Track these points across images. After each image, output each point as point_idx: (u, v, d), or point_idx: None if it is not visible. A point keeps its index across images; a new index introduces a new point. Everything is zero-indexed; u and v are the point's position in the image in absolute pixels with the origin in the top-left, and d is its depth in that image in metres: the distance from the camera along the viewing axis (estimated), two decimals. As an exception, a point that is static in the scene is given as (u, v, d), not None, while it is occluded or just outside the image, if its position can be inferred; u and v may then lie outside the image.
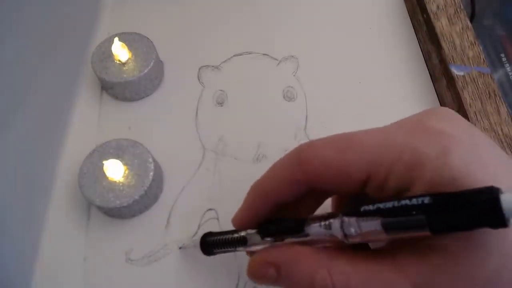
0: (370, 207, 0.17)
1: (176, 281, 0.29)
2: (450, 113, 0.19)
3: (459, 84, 0.32)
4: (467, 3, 0.43)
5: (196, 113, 0.35)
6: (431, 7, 0.36)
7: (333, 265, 0.18)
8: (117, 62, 0.34)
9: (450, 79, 0.33)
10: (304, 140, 0.33)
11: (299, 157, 0.20)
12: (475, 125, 0.30)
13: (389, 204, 0.16)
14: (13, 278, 0.26)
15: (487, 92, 0.31)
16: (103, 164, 0.29)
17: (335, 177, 0.19)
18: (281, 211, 0.21)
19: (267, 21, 0.40)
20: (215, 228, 0.30)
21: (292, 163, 0.20)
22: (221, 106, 0.35)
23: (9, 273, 0.26)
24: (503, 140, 0.29)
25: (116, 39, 0.34)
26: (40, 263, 0.28)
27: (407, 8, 0.40)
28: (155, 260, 0.29)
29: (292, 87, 0.36)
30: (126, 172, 0.30)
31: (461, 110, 0.31)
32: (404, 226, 0.16)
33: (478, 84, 0.31)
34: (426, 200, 0.15)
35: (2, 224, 0.26)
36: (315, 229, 0.19)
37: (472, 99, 0.31)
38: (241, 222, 0.23)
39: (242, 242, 0.22)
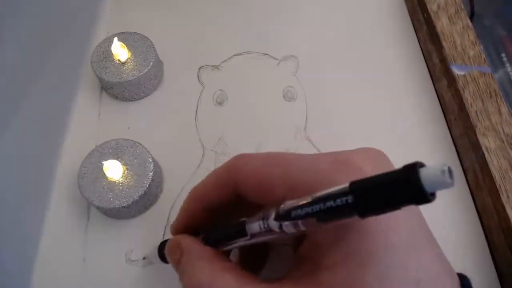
0: (299, 212, 0.17)
1: (176, 281, 0.29)
2: (378, 154, 0.20)
3: (460, 84, 0.32)
4: (466, 2, 0.43)
5: (196, 113, 0.35)
6: (432, 6, 0.36)
7: (219, 277, 0.19)
8: (117, 62, 0.34)
9: (451, 79, 0.33)
10: (304, 140, 0.33)
11: (230, 164, 0.21)
12: (476, 125, 0.30)
13: (316, 205, 0.16)
14: (13, 278, 0.26)
15: (488, 92, 0.31)
16: (102, 164, 0.29)
17: (258, 187, 0.20)
18: (215, 218, 0.23)
19: (267, 21, 0.40)
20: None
21: (224, 169, 0.22)
22: (221, 106, 0.35)
23: (9, 273, 0.26)
24: (504, 139, 0.29)
25: (115, 39, 0.34)
26: (40, 263, 0.28)
27: (407, 7, 0.40)
28: (149, 263, 0.29)
29: (292, 87, 0.36)
30: (126, 172, 0.30)
31: (462, 110, 0.31)
32: (334, 215, 0.16)
33: (479, 83, 0.31)
34: (347, 188, 0.15)
35: (2, 224, 0.26)
36: (255, 227, 0.19)
37: (473, 99, 0.31)
38: (177, 228, 0.24)
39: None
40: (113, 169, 0.29)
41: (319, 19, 0.40)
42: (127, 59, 0.34)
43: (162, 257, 0.25)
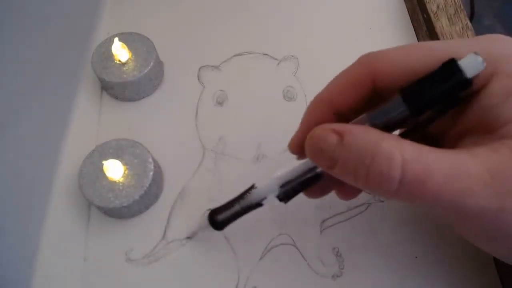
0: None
1: (176, 281, 0.29)
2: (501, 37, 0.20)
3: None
4: (466, 2, 0.43)
5: (196, 113, 0.35)
6: (431, 7, 0.36)
7: (403, 142, 0.17)
8: (117, 62, 0.34)
9: (450, 79, 0.33)
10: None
11: (367, 59, 0.20)
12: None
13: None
14: (13, 278, 0.26)
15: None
16: (102, 164, 0.29)
17: (400, 76, 0.19)
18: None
19: (267, 21, 0.40)
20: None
21: (357, 65, 0.20)
22: (221, 106, 0.35)
23: (9, 273, 0.26)
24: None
25: (116, 39, 0.34)
26: (40, 263, 0.28)
27: (407, 8, 0.40)
28: (155, 260, 0.29)
29: (292, 87, 0.36)
30: (126, 172, 0.30)
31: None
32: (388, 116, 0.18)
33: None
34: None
35: (2, 224, 0.26)
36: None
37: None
38: (300, 144, 0.21)
39: (259, 204, 0.23)
40: (114, 169, 0.29)
41: (319, 19, 0.40)
42: (127, 60, 0.34)
43: (216, 224, 0.24)
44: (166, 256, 0.30)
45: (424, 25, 0.37)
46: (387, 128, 0.18)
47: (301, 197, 0.31)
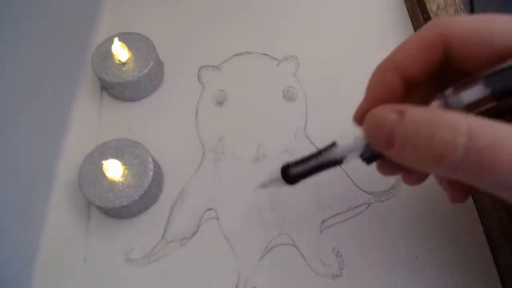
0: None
1: (176, 281, 0.29)
2: None
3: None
4: (466, 3, 0.43)
5: (196, 113, 0.35)
6: (431, 7, 0.36)
7: (470, 116, 0.16)
8: (117, 62, 0.34)
9: (450, 79, 0.33)
10: (304, 140, 0.33)
11: (440, 22, 0.18)
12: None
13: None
14: (13, 278, 0.26)
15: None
16: (102, 164, 0.29)
17: (476, 45, 0.17)
18: (414, 96, 0.19)
19: (267, 21, 0.40)
20: (215, 228, 0.30)
21: (430, 29, 0.19)
22: (221, 106, 0.35)
23: (9, 273, 0.26)
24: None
25: (116, 39, 0.34)
26: (40, 263, 0.28)
27: (407, 8, 0.40)
28: (155, 260, 0.29)
29: (292, 87, 0.36)
30: (126, 172, 0.30)
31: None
32: (508, 83, 0.16)
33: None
34: None
35: (2, 224, 0.26)
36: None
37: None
38: (363, 112, 0.20)
39: (338, 162, 0.22)
40: (114, 169, 0.29)
41: (319, 19, 0.40)
42: (127, 60, 0.34)
43: (288, 178, 0.23)
44: (166, 256, 0.30)
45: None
46: (502, 95, 0.17)
47: (301, 197, 0.31)
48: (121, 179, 0.29)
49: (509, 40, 0.17)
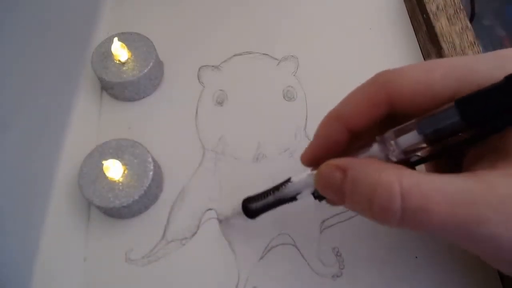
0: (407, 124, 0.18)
1: (175, 281, 0.29)
2: None
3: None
4: (466, 3, 0.43)
5: (196, 113, 0.35)
6: (431, 7, 0.36)
7: (402, 171, 0.17)
8: (117, 62, 0.34)
9: (450, 79, 0.33)
10: (304, 140, 0.33)
11: (383, 78, 0.20)
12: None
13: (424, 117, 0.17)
14: (13, 278, 0.26)
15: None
16: (102, 164, 0.29)
17: (420, 97, 0.18)
18: (356, 144, 0.21)
19: (267, 21, 0.40)
20: (215, 228, 0.30)
21: (374, 84, 0.20)
22: (221, 106, 0.35)
23: (9, 273, 0.26)
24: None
25: (115, 39, 0.34)
26: (40, 263, 0.28)
27: (407, 8, 0.40)
28: (155, 260, 0.29)
29: (292, 87, 0.36)
30: (126, 172, 0.30)
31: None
32: (438, 126, 0.17)
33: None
34: (452, 103, 0.16)
35: (2, 224, 0.26)
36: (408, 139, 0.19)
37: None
38: (311, 157, 0.22)
39: (293, 198, 0.23)
40: (113, 169, 0.29)
41: (319, 19, 0.40)
42: (127, 59, 0.34)
43: (248, 212, 0.25)
44: (166, 256, 0.30)
45: (424, 25, 0.37)
46: (434, 140, 0.18)
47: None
48: (121, 179, 0.29)
49: (448, 89, 0.18)
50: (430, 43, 0.36)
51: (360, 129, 0.21)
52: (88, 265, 0.29)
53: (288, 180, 0.24)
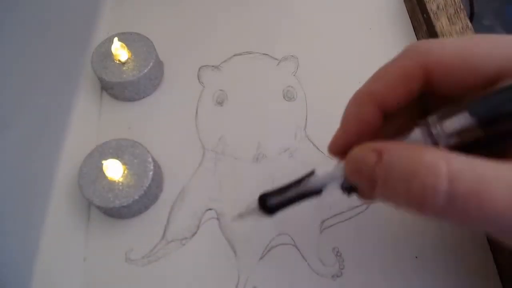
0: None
1: (175, 281, 0.29)
2: None
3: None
4: (466, 2, 0.43)
5: (196, 113, 0.35)
6: (431, 6, 0.36)
7: (451, 154, 0.14)
8: (117, 62, 0.34)
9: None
10: (304, 140, 0.33)
11: (421, 49, 0.17)
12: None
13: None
14: (13, 278, 0.26)
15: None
16: (102, 164, 0.29)
17: (461, 72, 0.16)
18: (390, 128, 0.19)
19: (267, 21, 0.40)
20: (215, 228, 0.30)
21: (410, 56, 0.18)
22: (221, 106, 0.35)
23: (9, 273, 0.26)
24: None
25: (115, 39, 0.34)
26: (40, 263, 0.28)
27: (407, 8, 0.40)
28: (155, 260, 0.29)
29: (292, 87, 0.36)
30: (126, 172, 0.30)
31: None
32: (497, 108, 0.15)
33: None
34: None
35: (2, 224, 0.26)
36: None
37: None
38: (340, 145, 0.19)
39: (317, 192, 0.21)
40: (113, 169, 0.29)
41: (319, 19, 0.40)
42: (127, 59, 0.34)
43: (266, 209, 0.22)
44: (166, 256, 0.29)
45: (424, 25, 0.37)
46: (488, 123, 0.15)
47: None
48: (121, 179, 0.29)
49: (495, 65, 0.16)
50: (430, 43, 0.36)
51: (394, 109, 0.18)
52: (88, 265, 0.29)
53: (312, 173, 0.21)
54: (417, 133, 0.17)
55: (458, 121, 0.16)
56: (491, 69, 0.16)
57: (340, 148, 0.19)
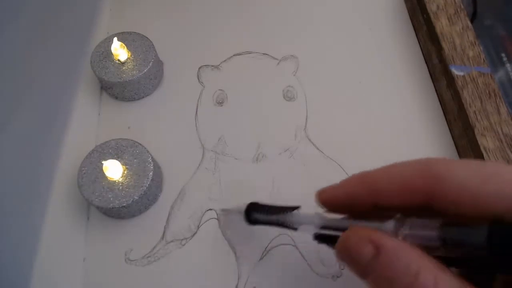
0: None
1: (175, 281, 0.29)
2: None
3: (459, 84, 0.32)
4: (468, 3, 0.43)
5: (196, 113, 0.35)
6: (431, 7, 0.36)
7: (440, 272, 0.16)
8: (117, 62, 0.34)
9: (450, 79, 0.33)
10: (304, 140, 0.33)
11: (431, 169, 0.18)
12: (475, 125, 0.30)
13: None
14: (13, 278, 0.26)
15: (487, 92, 0.31)
16: (102, 164, 0.29)
17: (464, 203, 0.17)
18: (377, 211, 0.20)
19: (267, 21, 0.40)
20: (215, 228, 0.30)
21: (420, 173, 0.18)
22: (221, 106, 0.35)
23: (9, 273, 0.26)
24: (503, 140, 0.29)
25: (115, 39, 0.34)
26: (39, 263, 0.28)
27: (407, 8, 0.40)
28: (155, 260, 0.29)
29: (292, 87, 0.36)
30: (125, 172, 0.30)
31: (461, 110, 0.31)
32: (461, 240, 0.15)
33: (478, 84, 0.31)
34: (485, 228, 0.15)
35: (2, 224, 0.26)
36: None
37: (471, 99, 0.31)
38: (329, 200, 0.21)
39: (294, 228, 0.23)
40: (113, 169, 0.29)
41: (319, 19, 0.40)
42: (127, 59, 0.34)
43: (249, 218, 0.25)
44: (166, 256, 0.29)
45: (424, 25, 0.37)
46: (453, 248, 0.17)
47: (301, 197, 0.31)
48: (120, 179, 0.29)
49: (496, 205, 0.16)
50: (430, 43, 0.36)
51: (387, 207, 0.19)
52: (87, 265, 0.29)
53: (296, 208, 0.23)
54: (390, 224, 0.18)
55: (426, 237, 0.17)
56: (495, 207, 0.16)
57: (328, 202, 0.21)
